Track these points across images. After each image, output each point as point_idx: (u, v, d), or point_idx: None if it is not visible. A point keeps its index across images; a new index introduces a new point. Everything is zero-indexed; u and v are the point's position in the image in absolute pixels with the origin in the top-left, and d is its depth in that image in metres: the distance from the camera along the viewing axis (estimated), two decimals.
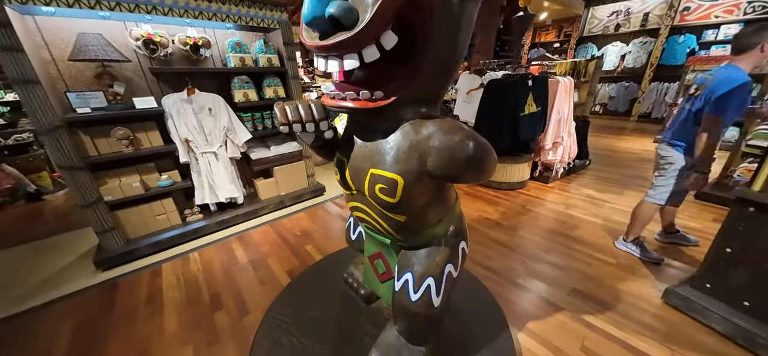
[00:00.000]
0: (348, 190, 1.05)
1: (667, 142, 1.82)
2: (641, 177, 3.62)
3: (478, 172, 0.80)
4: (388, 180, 0.84)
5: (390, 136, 0.85)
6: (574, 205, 2.92)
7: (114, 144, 2.09)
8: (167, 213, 2.41)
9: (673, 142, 1.79)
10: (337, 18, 0.64)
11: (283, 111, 0.89)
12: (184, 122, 2.28)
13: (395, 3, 0.63)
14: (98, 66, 2.03)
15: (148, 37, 2.04)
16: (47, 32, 1.90)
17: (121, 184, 2.14)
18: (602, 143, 5.33)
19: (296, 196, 3.13)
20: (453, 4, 0.69)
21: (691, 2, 6.26)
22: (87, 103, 1.98)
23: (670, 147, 1.80)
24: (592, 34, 7.78)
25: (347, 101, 0.80)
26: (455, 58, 0.81)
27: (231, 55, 2.50)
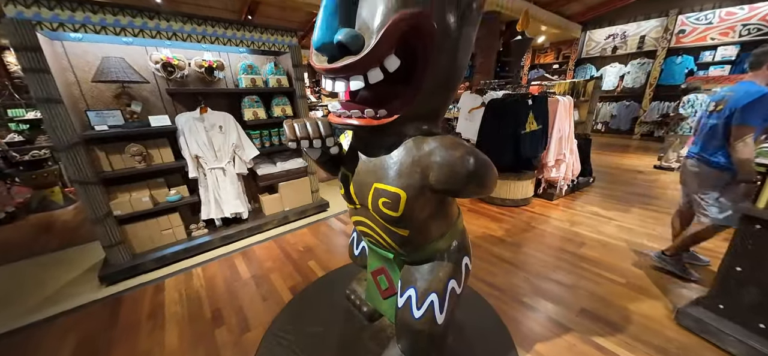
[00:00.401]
0: (352, 204, 1.07)
1: (706, 159, 1.73)
2: (646, 194, 3.58)
3: (478, 186, 0.83)
4: (391, 194, 0.87)
5: (393, 152, 0.89)
6: (580, 222, 2.89)
7: (127, 160, 2.17)
8: (173, 228, 2.44)
9: (711, 158, 1.70)
10: (345, 44, 0.70)
11: (292, 128, 0.94)
12: (195, 139, 2.37)
13: (397, 31, 0.69)
14: (118, 86, 2.15)
15: (166, 61, 2.17)
16: (73, 56, 2.04)
17: (131, 199, 2.20)
18: (606, 160, 5.33)
19: (300, 212, 3.15)
20: (451, 29, 0.75)
21: (686, 25, 6.45)
22: (105, 121, 2.08)
23: (708, 163, 1.72)
24: (590, 55, 8.00)
25: (353, 119, 0.85)
26: (455, 77, 0.87)
27: (243, 76, 2.63)
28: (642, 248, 2.38)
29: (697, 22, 6.28)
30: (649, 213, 3.07)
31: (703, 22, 6.21)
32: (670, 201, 3.37)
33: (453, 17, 0.74)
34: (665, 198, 3.48)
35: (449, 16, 0.73)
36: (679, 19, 6.42)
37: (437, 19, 0.72)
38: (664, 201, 3.40)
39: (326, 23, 0.70)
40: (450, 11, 0.73)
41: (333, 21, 0.71)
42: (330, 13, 0.71)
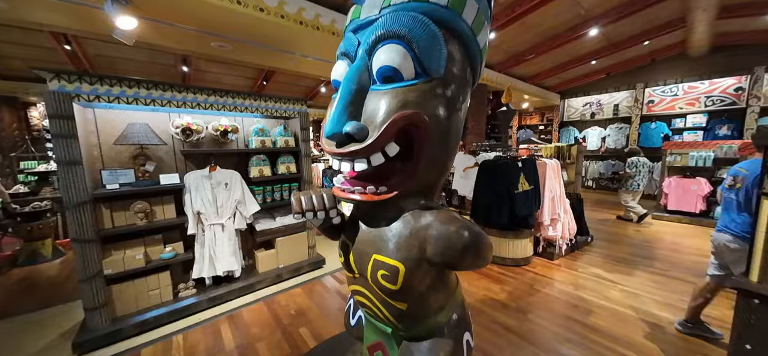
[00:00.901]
0: (351, 273, 1.09)
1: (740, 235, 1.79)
2: (646, 256, 3.55)
3: (474, 258, 0.87)
4: (390, 267, 0.90)
5: (393, 224, 0.95)
6: (584, 286, 2.80)
7: (130, 217, 2.21)
8: (161, 287, 2.34)
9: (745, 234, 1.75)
10: (352, 134, 0.82)
11: (299, 201, 1.02)
12: (200, 196, 2.45)
13: (396, 126, 0.82)
14: (136, 147, 2.31)
15: (187, 126, 2.39)
16: (102, 121, 2.24)
17: (124, 257, 2.16)
18: (601, 217, 5.39)
19: (295, 269, 3.06)
20: (442, 120, 0.89)
21: (654, 96, 7.22)
22: (117, 180, 2.19)
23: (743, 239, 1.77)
24: (571, 119, 8.73)
25: (356, 194, 0.93)
26: (447, 157, 0.98)
27: (254, 138, 2.85)
28: (652, 318, 2.28)
29: (663, 94, 7.06)
30: (652, 276, 3.00)
31: (669, 94, 6.98)
32: (671, 263, 3.32)
33: (443, 112, 0.88)
34: (666, 259, 3.44)
35: (440, 111, 0.87)
36: (647, 91, 7.23)
37: (430, 116, 0.85)
38: (665, 262, 3.35)
39: (337, 117, 0.84)
40: (441, 109, 0.88)
41: (343, 116, 0.84)
42: (341, 110, 0.84)
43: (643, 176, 4.83)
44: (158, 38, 3.01)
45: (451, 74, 0.87)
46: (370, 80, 0.87)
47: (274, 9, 2.64)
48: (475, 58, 0.94)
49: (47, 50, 4.45)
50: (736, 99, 6.09)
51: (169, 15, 2.58)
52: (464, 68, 0.91)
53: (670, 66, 6.90)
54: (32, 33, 3.83)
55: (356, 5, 0.96)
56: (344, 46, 0.95)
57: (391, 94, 0.83)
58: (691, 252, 3.65)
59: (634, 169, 4.84)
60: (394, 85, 0.83)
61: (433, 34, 0.82)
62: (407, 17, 0.81)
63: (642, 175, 4.83)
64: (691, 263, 3.32)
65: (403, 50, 0.81)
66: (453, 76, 0.88)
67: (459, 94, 0.92)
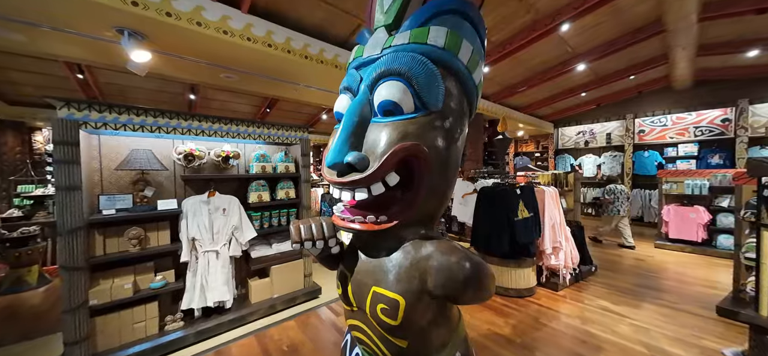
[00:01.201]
0: (349, 306, 1.05)
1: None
2: (652, 287, 3.44)
3: (476, 291, 0.84)
4: (390, 300, 0.88)
5: (393, 255, 0.94)
6: (591, 320, 2.68)
7: (123, 243, 2.16)
8: (147, 320, 2.22)
9: None
10: (353, 164, 0.84)
11: (298, 230, 1.01)
12: (196, 221, 2.41)
13: (396, 157, 0.84)
14: (137, 173, 2.33)
15: (189, 152, 2.43)
16: (106, 147, 2.28)
17: (113, 286, 2.08)
18: (604, 247, 5.30)
19: (289, 299, 2.93)
20: (441, 150, 0.91)
21: (644, 126, 7.46)
22: (114, 205, 2.17)
23: None
24: (565, 147, 8.93)
25: (356, 223, 0.93)
26: (447, 186, 0.99)
27: (255, 164, 2.88)
28: (663, 354, 2.16)
29: (653, 124, 7.31)
30: (660, 309, 2.90)
31: (658, 124, 7.23)
32: (679, 294, 3.22)
33: (442, 143, 0.91)
34: (674, 290, 3.34)
35: (439, 142, 0.90)
36: (637, 121, 7.50)
37: (429, 147, 0.88)
38: (673, 294, 3.25)
39: (339, 147, 0.86)
40: (439, 140, 0.91)
41: (344, 146, 0.87)
42: (343, 140, 0.87)
43: (621, 202, 5.11)
44: (169, 69, 3.17)
45: (448, 108, 0.91)
46: (372, 113, 0.91)
47: (282, 44, 2.82)
48: (471, 92, 0.99)
49: (60, 78, 4.63)
50: (724, 129, 6.29)
51: (182, 49, 2.74)
52: (461, 102, 0.96)
53: (657, 98, 7.22)
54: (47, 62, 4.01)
55: (359, 45, 1.03)
56: (347, 81, 1.00)
57: (391, 126, 0.86)
58: (697, 283, 3.55)
59: (612, 196, 5.14)
60: (395, 118, 0.87)
61: (432, 72, 0.87)
62: (407, 57, 0.87)
63: (620, 201, 5.12)
64: (698, 294, 3.22)
65: (404, 86, 0.86)
66: (451, 109, 0.92)
67: (457, 125, 0.96)
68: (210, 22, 2.30)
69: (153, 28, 2.23)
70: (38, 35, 2.33)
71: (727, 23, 4.08)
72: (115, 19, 2.13)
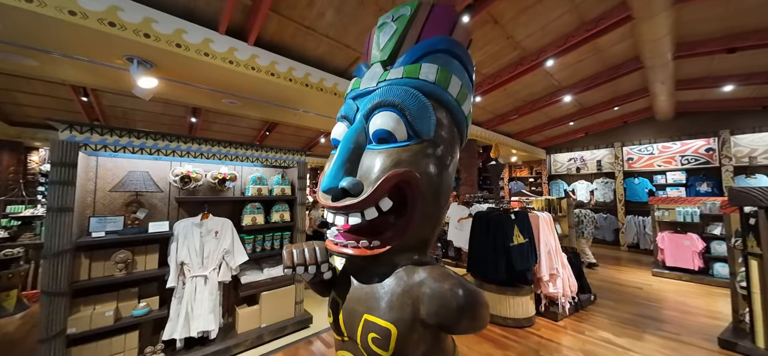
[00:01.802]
0: (340, 336, 1.02)
1: None
2: (654, 317, 3.37)
3: (471, 320, 0.83)
4: (382, 329, 0.86)
5: (385, 281, 0.93)
6: (595, 354, 2.59)
7: (109, 267, 2.09)
8: (126, 351, 2.10)
9: None
10: (347, 189, 0.86)
11: (291, 255, 1.01)
12: (187, 244, 2.36)
13: (389, 183, 0.88)
14: (131, 195, 2.32)
15: (186, 174, 2.44)
16: (103, 169, 2.29)
17: (93, 313, 1.98)
18: (602, 274, 5.23)
19: (278, 329, 2.80)
20: (433, 177, 0.95)
21: (632, 154, 7.71)
22: (104, 227, 2.14)
23: None
24: (558, 173, 9.12)
25: (348, 248, 0.94)
26: (439, 211, 1.01)
27: (251, 186, 2.89)
28: None
29: (640, 152, 7.56)
30: (664, 341, 2.81)
31: (645, 152, 7.48)
32: (680, 325, 3.14)
33: (434, 170, 0.95)
34: (675, 321, 3.26)
35: (431, 168, 0.94)
36: (624, 149, 7.76)
37: (421, 173, 0.92)
38: (674, 324, 3.17)
39: (334, 172, 0.90)
40: (431, 166, 0.95)
41: (340, 172, 0.90)
42: (338, 166, 0.91)
43: (585, 225, 5.54)
44: (174, 94, 3.28)
45: (440, 136, 0.96)
46: (367, 140, 0.96)
47: (284, 74, 2.96)
48: (461, 122, 1.05)
49: (64, 101, 4.73)
50: (708, 158, 6.52)
51: (188, 77, 2.86)
52: (452, 131, 1.02)
53: (642, 127, 7.54)
54: (53, 86, 4.12)
55: (356, 77, 1.11)
56: (344, 110, 1.07)
57: (385, 153, 0.90)
58: (698, 313, 3.49)
59: (576, 219, 5.48)
60: (389, 146, 0.91)
61: (423, 104, 0.93)
62: (401, 90, 0.93)
63: (585, 224, 5.54)
64: (700, 325, 3.14)
65: (397, 116, 0.92)
66: (442, 137, 0.97)
67: (448, 153, 1.01)
68: (217, 53, 2.43)
69: (162, 57, 2.35)
70: (50, 61, 2.43)
71: (700, 61, 4.40)
72: (127, 49, 2.25)
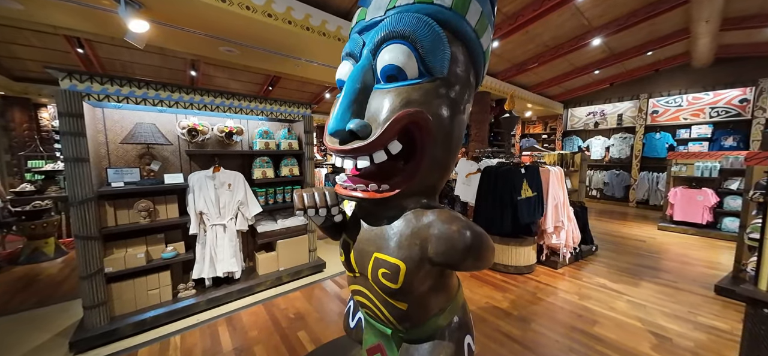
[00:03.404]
0: (351, 272, 1.08)
1: None
2: (652, 266, 3.48)
3: (476, 260, 0.85)
4: (391, 265, 0.90)
5: (394, 223, 0.95)
6: (588, 296, 2.74)
7: (133, 215, 2.22)
8: (161, 287, 2.34)
9: None
10: (355, 132, 0.83)
11: (301, 198, 1.02)
12: (203, 196, 2.46)
13: (399, 124, 0.83)
14: (143, 147, 2.35)
15: (193, 126, 2.42)
16: (110, 121, 2.28)
17: (126, 255, 2.17)
18: (606, 228, 5.31)
19: (295, 272, 3.04)
20: (445, 120, 0.89)
21: (657, 107, 7.19)
22: (122, 178, 2.21)
23: None
24: (574, 129, 8.71)
25: (358, 192, 0.94)
26: (449, 158, 0.98)
27: (258, 140, 2.88)
28: (659, 330, 2.21)
29: (667, 105, 7.03)
30: (660, 287, 2.94)
31: (673, 104, 6.95)
32: (678, 274, 3.25)
33: (446, 113, 0.89)
34: (674, 270, 3.37)
35: (443, 111, 0.88)
36: (650, 101, 7.22)
37: (433, 115, 0.86)
38: (673, 273, 3.28)
39: (341, 114, 0.85)
40: (444, 109, 0.88)
41: (346, 114, 0.85)
42: (345, 107, 0.86)
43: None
44: (168, 41, 3.09)
45: (454, 75, 0.88)
46: (374, 79, 0.89)
47: (282, 14, 2.71)
48: (478, 60, 0.95)
49: (61, 53, 4.58)
50: (741, 110, 6.04)
51: (179, 19, 2.66)
52: (467, 70, 0.92)
53: (674, 77, 6.89)
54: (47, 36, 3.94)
55: (362, 7, 0.98)
56: (349, 46, 0.97)
57: (394, 92, 0.84)
58: (698, 264, 3.57)
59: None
60: (398, 84, 0.84)
61: (437, 35, 0.83)
62: (412, 18, 0.83)
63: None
64: (698, 275, 3.24)
65: (408, 50, 0.82)
66: (456, 76, 0.89)
67: (462, 95, 0.93)
68: None
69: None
70: (35, 4, 2.27)
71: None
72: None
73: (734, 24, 4.50)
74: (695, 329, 2.23)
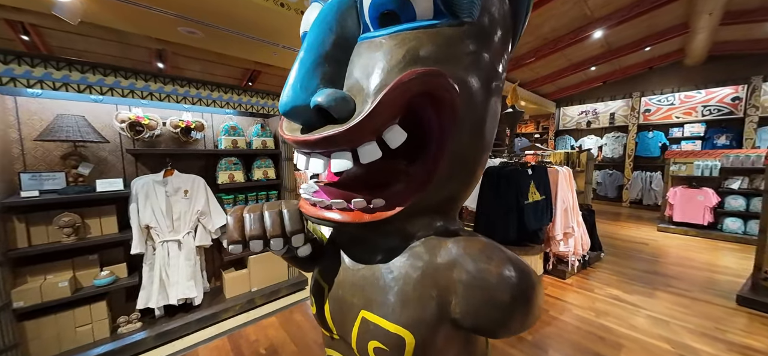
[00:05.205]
0: (327, 332, 0.70)
1: None
2: (661, 273, 3.25)
3: (526, 316, 0.51)
4: (390, 336, 0.54)
5: (394, 260, 0.58)
6: (604, 312, 2.45)
7: (54, 232, 1.73)
8: (94, 322, 1.86)
9: None
10: (326, 108, 0.45)
11: (239, 222, 0.62)
12: (150, 205, 2.00)
13: (405, 94, 0.46)
14: (69, 146, 1.86)
15: (135, 120, 1.95)
16: (25, 112, 1.79)
17: (43, 285, 1.68)
18: (604, 230, 5.12)
19: (271, 293, 2.61)
20: (478, 93, 0.52)
21: (650, 106, 7.15)
22: (40, 185, 1.72)
23: None
24: (567, 128, 8.62)
25: (333, 211, 0.56)
26: (480, 156, 0.62)
27: (223, 137, 2.43)
28: (691, 353, 1.93)
29: (659, 103, 6.99)
30: (676, 298, 2.70)
31: (665, 103, 6.92)
32: (690, 281, 3.03)
33: (479, 80, 0.52)
34: (684, 277, 3.15)
35: (474, 77, 0.51)
36: (643, 100, 7.17)
37: (458, 81, 0.49)
38: (684, 281, 3.06)
39: (301, 81, 0.47)
40: (476, 73, 0.52)
41: (310, 79, 0.48)
42: (308, 68, 0.48)
43: None
44: (109, 18, 2.55)
45: (489, 19, 0.51)
46: (360, 26, 0.51)
47: None
48: (520, 2, 0.58)
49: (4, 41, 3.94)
50: (733, 108, 6.03)
51: None
52: (505, 17, 0.56)
53: (667, 75, 6.88)
54: None
55: None
56: None
57: (394, 42, 0.46)
58: (708, 269, 3.39)
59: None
60: (400, 27, 0.48)
61: None
62: None
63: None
64: (711, 281, 3.04)
65: None
66: (493, 23, 0.52)
67: (499, 55, 0.56)
68: None
69: None
70: None
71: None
72: None
73: (735, 17, 4.40)
74: (729, 350, 1.96)
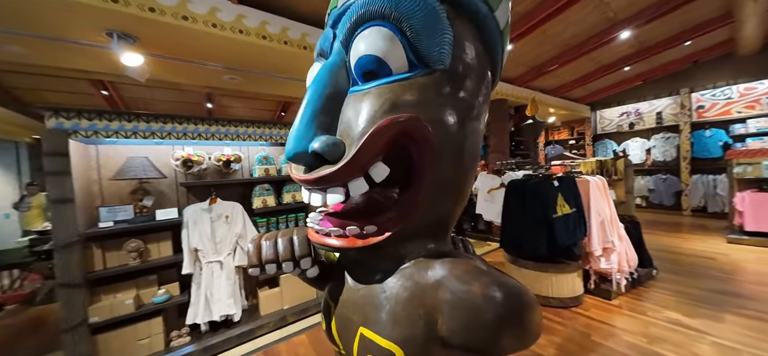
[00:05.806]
0: (336, 347, 0.77)
1: None
2: (733, 292, 2.77)
3: (518, 337, 0.53)
4: (384, 352, 0.59)
5: (388, 280, 0.64)
6: (660, 338, 2.16)
7: (123, 256, 2.06)
8: (152, 336, 2.12)
9: None
10: (320, 153, 0.55)
11: (258, 249, 0.75)
12: (198, 230, 2.28)
13: (383, 137, 0.55)
14: (136, 183, 2.24)
15: (186, 157, 2.29)
16: (104, 157, 2.20)
17: (113, 302, 1.99)
18: (661, 243, 4.53)
19: (301, 311, 2.73)
20: (453, 128, 0.59)
21: (703, 102, 6.38)
22: (114, 217, 2.08)
23: None
24: (606, 131, 7.96)
25: (332, 238, 0.65)
26: (463, 179, 0.67)
27: (257, 167, 2.71)
28: None
29: (715, 98, 6.21)
30: (750, 322, 2.29)
31: (721, 97, 6.13)
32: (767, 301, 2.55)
33: (454, 118, 0.60)
34: (762, 297, 2.65)
35: (448, 116, 0.59)
36: (693, 96, 6.43)
37: (433, 122, 0.57)
38: (762, 301, 2.57)
39: (301, 131, 0.59)
40: (449, 112, 0.59)
41: (308, 129, 0.59)
42: (307, 120, 0.59)
43: None
44: (168, 74, 3.10)
45: (460, 64, 0.59)
46: (349, 81, 0.63)
47: (277, 36, 2.61)
48: (494, 42, 0.65)
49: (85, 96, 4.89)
50: None
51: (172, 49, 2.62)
52: (479, 57, 0.63)
53: (718, 67, 6.13)
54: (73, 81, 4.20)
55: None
56: (320, 44, 0.72)
57: (374, 94, 0.56)
58: None
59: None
60: (380, 82, 0.57)
61: (431, 9, 0.55)
62: None
63: None
64: None
65: (389, 33, 0.55)
66: (464, 66, 0.59)
67: (475, 92, 0.63)
68: (197, 15, 2.14)
69: (138, 26, 2.12)
70: (35, 46, 2.33)
71: None
72: (99, 21, 2.04)
73: None
74: None
